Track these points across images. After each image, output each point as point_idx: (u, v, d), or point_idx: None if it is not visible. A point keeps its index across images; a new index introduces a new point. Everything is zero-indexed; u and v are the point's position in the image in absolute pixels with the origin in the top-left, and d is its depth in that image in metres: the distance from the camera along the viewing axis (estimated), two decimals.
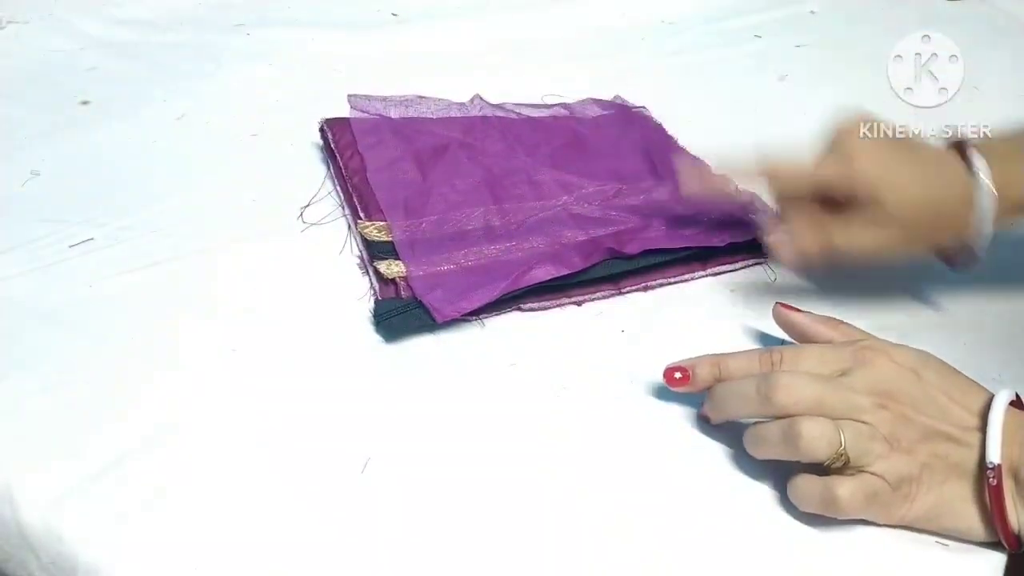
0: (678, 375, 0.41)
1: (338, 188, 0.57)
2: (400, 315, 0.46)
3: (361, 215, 0.53)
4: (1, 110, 0.66)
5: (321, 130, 0.61)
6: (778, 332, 0.44)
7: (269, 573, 0.34)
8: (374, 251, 0.50)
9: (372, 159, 0.57)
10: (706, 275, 0.52)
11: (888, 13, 0.95)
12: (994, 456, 0.35)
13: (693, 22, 0.90)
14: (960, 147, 0.46)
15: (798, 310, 0.43)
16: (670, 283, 0.51)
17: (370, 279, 0.50)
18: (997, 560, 0.36)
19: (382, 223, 0.52)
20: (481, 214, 0.53)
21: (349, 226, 0.54)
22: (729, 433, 0.41)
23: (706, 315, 0.49)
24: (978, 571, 0.36)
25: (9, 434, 0.39)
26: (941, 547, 0.37)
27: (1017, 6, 0.96)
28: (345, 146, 0.58)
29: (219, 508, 0.36)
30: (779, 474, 0.38)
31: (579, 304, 0.49)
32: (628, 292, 0.50)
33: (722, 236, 0.52)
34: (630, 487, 0.38)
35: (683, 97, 0.74)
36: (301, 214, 0.55)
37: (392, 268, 0.49)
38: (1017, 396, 0.37)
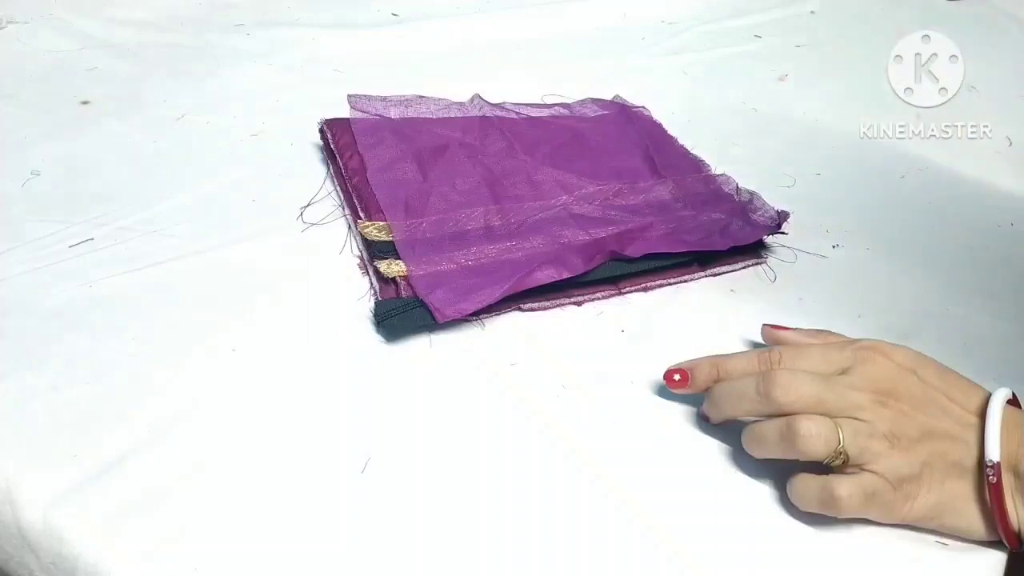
0: (677, 377, 0.41)
1: (338, 188, 0.57)
2: (400, 315, 0.46)
3: (361, 215, 0.53)
4: (1, 110, 0.66)
5: (321, 130, 0.61)
6: None
7: (269, 573, 0.34)
8: (374, 251, 0.50)
9: (372, 159, 0.57)
10: (706, 276, 0.52)
11: (888, 13, 0.95)
12: (993, 454, 0.35)
13: (693, 22, 0.90)
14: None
15: (786, 328, 0.43)
16: (670, 283, 0.51)
17: (370, 279, 0.50)
18: (997, 560, 0.36)
19: (382, 223, 0.52)
20: (481, 214, 0.53)
21: (349, 226, 0.54)
22: (729, 433, 0.41)
23: (706, 315, 0.49)
24: (978, 571, 0.36)
25: (9, 434, 0.39)
26: (941, 547, 0.37)
27: (1017, 6, 0.96)
28: (345, 146, 0.58)
29: (219, 508, 0.36)
30: (779, 474, 0.38)
31: (579, 304, 0.49)
32: (628, 292, 0.50)
33: (724, 239, 0.52)
34: (630, 487, 0.38)
35: (683, 97, 0.74)
36: (301, 214, 0.55)
37: (392, 267, 0.49)
38: (1014, 395, 0.37)
